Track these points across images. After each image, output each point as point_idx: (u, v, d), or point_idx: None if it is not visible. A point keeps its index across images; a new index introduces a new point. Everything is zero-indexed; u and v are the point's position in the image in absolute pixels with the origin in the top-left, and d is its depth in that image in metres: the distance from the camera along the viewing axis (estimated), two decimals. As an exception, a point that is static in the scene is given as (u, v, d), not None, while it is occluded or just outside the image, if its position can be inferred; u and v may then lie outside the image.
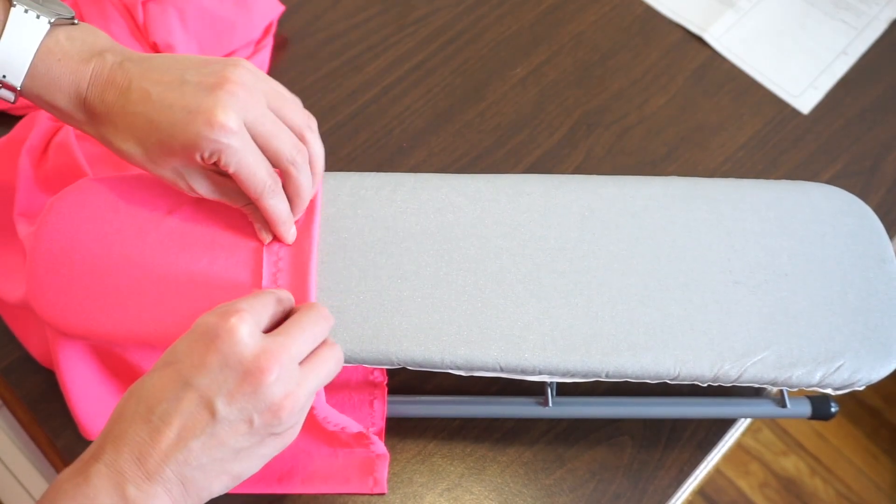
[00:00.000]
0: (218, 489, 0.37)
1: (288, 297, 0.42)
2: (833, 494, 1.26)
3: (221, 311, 0.38)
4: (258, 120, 0.42)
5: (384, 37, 0.70)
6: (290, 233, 0.47)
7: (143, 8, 0.59)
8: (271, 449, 0.38)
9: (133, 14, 0.59)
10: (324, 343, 0.41)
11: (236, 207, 0.47)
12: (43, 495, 0.36)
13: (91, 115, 0.43)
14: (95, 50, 0.43)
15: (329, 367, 0.40)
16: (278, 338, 0.38)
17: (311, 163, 0.46)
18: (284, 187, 0.46)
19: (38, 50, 0.41)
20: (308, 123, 0.46)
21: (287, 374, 0.37)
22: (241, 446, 0.37)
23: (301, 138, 0.45)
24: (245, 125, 0.42)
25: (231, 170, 0.42)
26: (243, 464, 0.37)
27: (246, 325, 0.37)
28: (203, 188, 0.45)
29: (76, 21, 0.43)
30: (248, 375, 0.36)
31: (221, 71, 0.42)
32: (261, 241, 0.47)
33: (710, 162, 0.65)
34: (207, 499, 0.37)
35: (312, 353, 0.40)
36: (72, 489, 0.35)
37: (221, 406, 0.36)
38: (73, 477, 0.36)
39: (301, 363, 0.39)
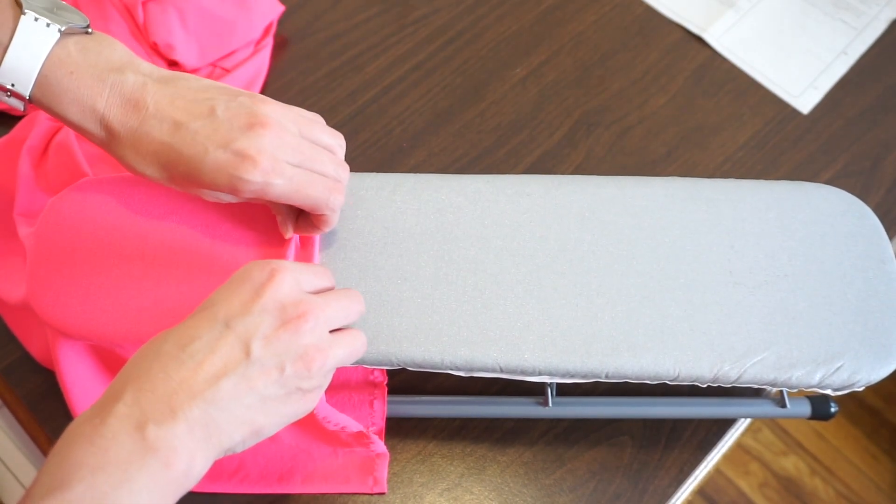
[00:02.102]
0: (238, 439, 0.37)
1: (329, 276, 0.43)
2: (833, 494, 1.26)
3: (264, 263, 0.39)
4: (296, 152, 0.42)
5: (384, 37, 0.70)
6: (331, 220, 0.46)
7: (143, 8, 0.59)
8: (294, 408, 0.38)
9: (133, 14, 0.59)
10: (356, 330, 0.42)
11: (236, 206, 0.47)
12: (59, 440, 0.34)
13: (110, 134, 0.42)
14: (113, 66, 0.42)
15: (355, 345, 0.41)
16: (320, 297, 0.39)
17: None
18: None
19: (47, 59, 0.40)
20: (339, 142, 0.46)
21: (321, 329, 0.38)
22: (269, 394, 0.37)
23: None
24: (285, 161, 0.42)
25: (278, 200, 0.43)
26: (267, 417, 0.37)
27: (288, 277, 0.38)
28: (228, 199, 0.44)
29: (90, 30, 0.42)
30: (287, 322, 0.37)
31: (252, 107, 0.42)
32: (263, 243, 0.47)
33: (710, 162, 0.65)
34: (225, 450, 0.37)
35: (342, 328, 0.41)
36: (89, 431, 0.34)
37: (257, 347, 0.36)
38: (90, 419, 0.34)
39: (331, 332, 0.40)
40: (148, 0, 0.59)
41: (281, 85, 0.67)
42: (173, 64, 0.61)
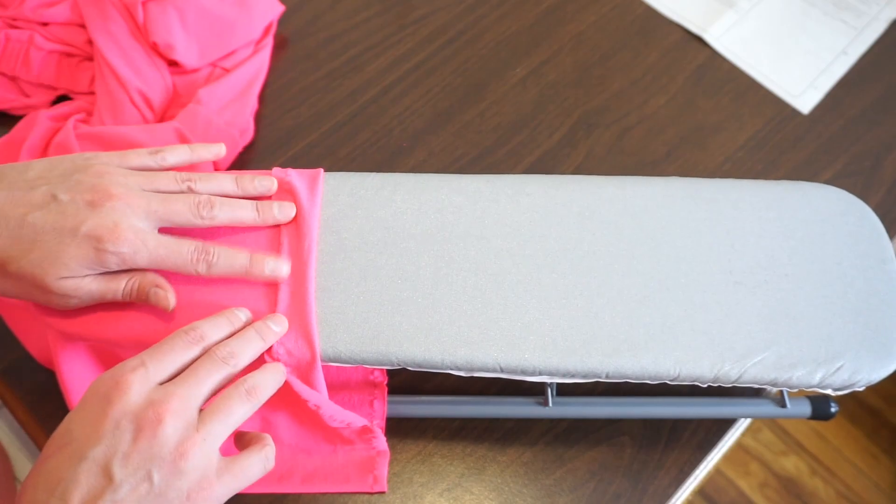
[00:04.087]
0: None
1: (211, 333, 0.41)
2: (833, 494, 1.26)
3: (111, 374, 0.38)
4: (149, 212, 0.42)
5: (384, 37, 0.70)
6: (266, 272, 0.45)
7: (143, 8, 0.59)
8: None
9: (133, 14, 0.59)
10: (233, 382, 0.40)
11: (230, 222, 0.47)
12: None
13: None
14: None
15: (236, 408, 0.39)
16: (170, 386, 0.38)
17: (221, 193, 0.46)
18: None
19: None
20: (183, 178, 0.45)
21: (183, 421, 0.37)
22: None
23: (190, 191, 0.45)
24: (141, 226, 0.42)
25: (145, 265, 0.42)
26: None
27: (136, 382, 0.37)
28: (93, 290, 0.43)
29: None
30: (142, 430, 0.36)
31: (91, 182, 0.41)
32: (261, 242, 0.47)
33: (710, 162, 0.65)
34: None
35: (218, 394, 0.40)
36: None
37: (118, 469, 0.35)
38: None
39: (203, 407, 0.38)
40: (148, 0, 0.59)
41: (281, 85, 0.67)
42: (173, 64, 0.61)
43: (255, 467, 0.40)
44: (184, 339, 0.40)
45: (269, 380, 0.42)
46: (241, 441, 0.42)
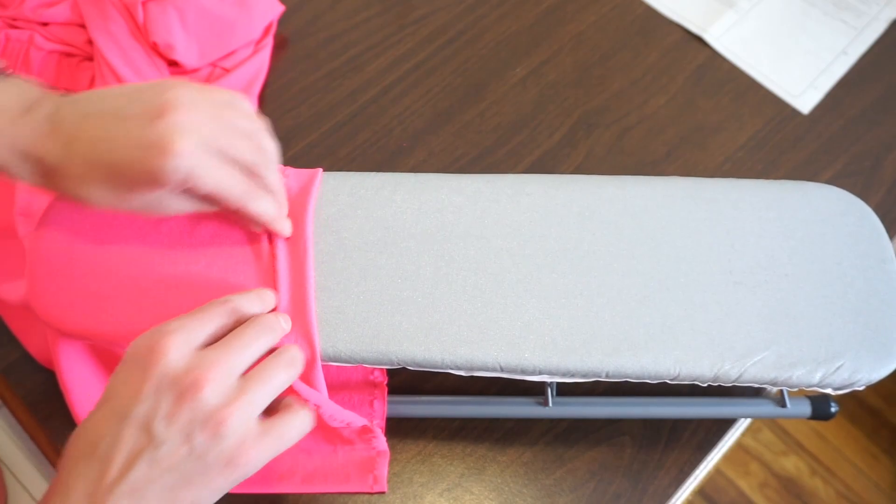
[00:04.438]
0: None
1: (246, 306, 0.41)
2: (833, 494, 1.26)
3: (149, 336, 0.38)
4: (211, 134, 0.41)
5: (384, 37, 0.70)
6: (284, 227, 0.47)
7: (143, 8, 0.59)
8: (223, 480, 0.37)
9: (133, 14, 0.59)
10: (273, 352, 0.40)
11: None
12: None
13: (42, 170, 0.42)
14: (27, 103, 0.41)
15: (277, 374, 0.39)
16: (212, 351, 0.38)
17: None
18: None
19: None
20: (257, 127, 0.44)
21: (223, 385, 0.37)
22: (187, 470, 0.36)
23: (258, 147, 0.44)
24: (200, 143, 0.40)
25: (202, 191, 0.41)
26: (194, 492, 0.36)
27: (175, 345, 0.37)
28: (184, 205, 0.43)
29: (9, 72, 0.42)
30: (183, 393, 0.36)
31: (160, 96, 0.40)
32: (259, 242, 0.47)
33: (710, 162, 0.65)
34: None
35: (258, 363, 0.40)
36: None
37: (160, 428, 0.36)
38: None
39: (244, 374, 0.38)
40: (148, 0, 0.59)
41: (281, 85, 0.67)
42: (173, 64, 0.61)
43: (294, 429, 0.40)
44: (219, 308, 0.41)
45: (302, 359, 0.42)
46: (275, 408, 0.42)
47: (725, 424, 0.55)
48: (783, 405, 0.51)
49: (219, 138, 0.41)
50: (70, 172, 0.41)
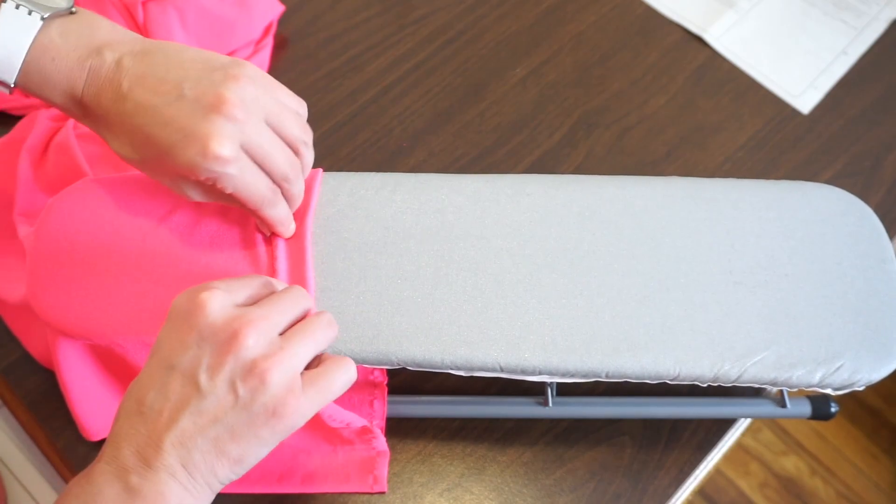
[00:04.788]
0: (224, 474, 0.37)
1: (280, 285, 0.42)
2: (833, 494, 1.26)
3: (192, 291, 0.38)
4: (254, 141, 0.41)
5: (384, 37, 0.70)
6: (289, 229, 0.47)
7: (143, 8, 0.59)
8: (269, 431, 0.37)
9: (133, 14, 0.59)
10: (309, 314, 0.41)
11: (234, 207, 0.47)
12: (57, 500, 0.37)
13: (88, 114, 0.43)
14: (93, 46, 0.42)
15: (318, 332, 0.39)
16: (253, 308, 0.38)
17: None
18: None
19: (30, 48, 0.40)
20: (304, 138, 0.45)
21: (265, 337, 0.37)
22: (232, 422, 0.36)
23: (296, 152, 0.44)
24: (241, 147, 0.41)
25: (228, 192, 0.42)
26: (241, 445, 0.37)
27: (216, 299, 0.37)
28: (199, 196, 0.44)
29: (74, 10, 0.42)
30: (226, 343, 0.36)
31: (221, 85, 0.41)
32: (259, 243, 0.47)
33: (710, 162, 0.65)
34: (217, 485, 0.37)
35: (296, 323, 0.40)
36: (77, 490, 0.36)
37: (204, 379, 0.36)
38: (79, 480, 0.36)
39: (283, 333, 0.39)
40: (148, 0, 0.59)
41: (281, 85, 0.67)
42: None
43: (339, 379, 0.40)
44: (257, 279, 0.41)
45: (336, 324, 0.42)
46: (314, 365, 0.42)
47: (725, 424, 0.55)
48: (783, 405, 0.51)
49: (263, 145, 0.42)
50: (111, 127, 0.42)
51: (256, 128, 0.41)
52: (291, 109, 0.44)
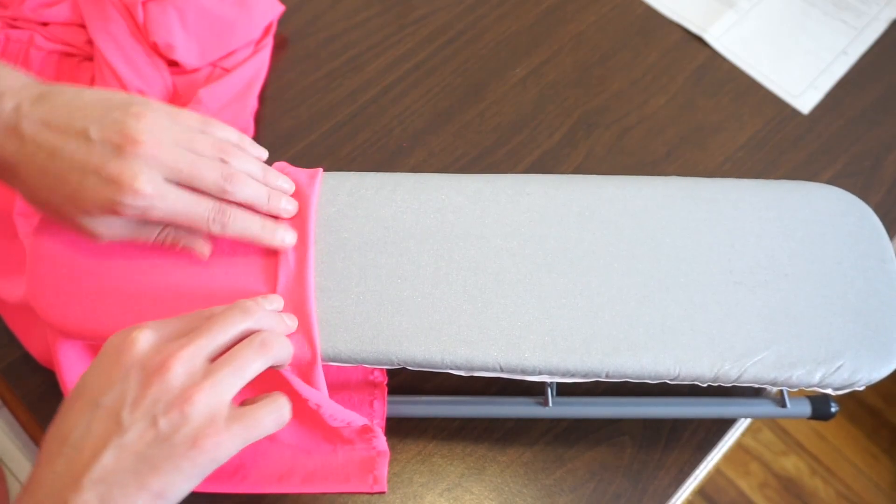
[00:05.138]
0: None
1: (220, 310, 0.41)
2: (833, 494, 1.26)
3: (122, 331, 0.38)
4: (174, 169, 0.42)
5: (384, 37, 0.70)
6: (276, 240, 0.46)
7: (143, 8, 0.59)
8: (190, 464, 0.36)
9: (133, 14, 0.59)
10: (247, 338, 0.40)
11: (245, 201, 0.47)
12: None
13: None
14: None
15: (248, 358, 0.38)
16: (180, 339, 0.38)
17: (250, 175, 0.46)
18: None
19: None
20: (221, 149, 0.44)
21: (189, 366, 0.37)
22: (153, 455, 0.35)
23: (223, 160, 0.44)
24: (164, 179, 0.41)
25: (157, 219, 0.42)
26: (162, 478, 0.36)
27: (145, 336, 0.37)
28: (131, 230, 0.43)
29: None
30: (150, 376, 0.36)
31: (126, 124, 0.41)
32: (256, 246, 0.47)
33: (710, 162, 0.65)
34: None
35: (229, 348, 0.39)
36: None
37: (126, 414, 0.36)
38: None
39: (213, 360, 0.38)
40: (148, 0, 0.59)
41: (281, 85, 0.67)
42: (173, 64, 0.61)
43: (267, 418, 0.39)
44: (194, 315, 0.41)
45: (283, 343, 0.41)
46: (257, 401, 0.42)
47: (725, 424, 0.55)
48: (783, 405, 0.51)
49: (182, 170, 0.42)
50: (20, 172, 0.41)
51: (172, 155, 0.42)
52: (197, 129, 0.44)
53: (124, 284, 0.46)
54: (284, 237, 0.46)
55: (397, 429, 0.53)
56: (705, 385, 0.47)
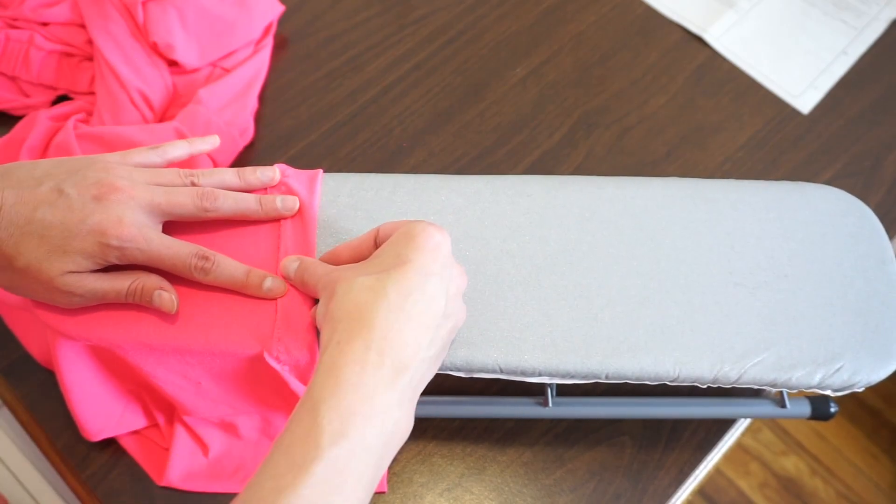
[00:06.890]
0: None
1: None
2: (833, 494, 1.26)
3: (434, 229, 0.42)
4: (152, 204, 0.43)
5: (384, 37, 0.70)
6: (262, 290, 0.46)
7: (143, 8, 0.59)
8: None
9: (133, 14, 0.59)
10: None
11: (233, 213, 0.47)
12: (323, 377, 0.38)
13: None
14: None
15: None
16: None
17: (226, 187, 0.47)
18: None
19: None
20: (187, 173, 0.46)
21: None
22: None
23: (193, 185, 0.46)
24: (145, 221, 0.43)
25: (145, 263, 0.43)
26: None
27: (449, 240, 0.43)
28: (97, 285, 0.44)
29: None
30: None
31: (96, 177, 0.42)
32: (264, 243, 0.47)
33: (710, 162, 0.65)
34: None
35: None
36: (355, 380, 0.37)
37: (446, 300, 0.41)
38: (352, 366, 0.38)
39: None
40: (148, 0, 0.59)
41: (281, 85, 0.67)
42: (173, 64, 0.61)
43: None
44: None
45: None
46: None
47: (725, 424, 0.55)
48: (783, 405, 0.51)
49: (160, 203, 0.44)
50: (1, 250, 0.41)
51: (147, 193, 0.43)
52: (156, 163, 0.47)
53: (124, 285, 0.46)
54: (274, 288, 0.46)
55: (397, 429, 0.53)
56: (705, 386, 0.47)
